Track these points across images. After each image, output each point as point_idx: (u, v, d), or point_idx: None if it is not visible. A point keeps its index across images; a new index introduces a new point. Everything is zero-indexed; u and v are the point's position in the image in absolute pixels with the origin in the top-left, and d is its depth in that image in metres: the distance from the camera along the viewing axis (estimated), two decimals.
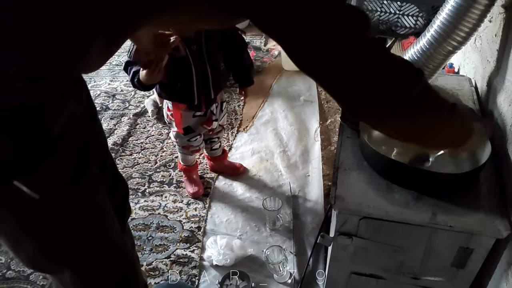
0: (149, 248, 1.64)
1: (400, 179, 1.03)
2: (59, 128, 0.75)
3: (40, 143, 0.73)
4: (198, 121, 1.63)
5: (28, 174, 0.74)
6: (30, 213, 0.79)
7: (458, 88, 1.44)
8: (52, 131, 0.74)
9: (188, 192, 1.86)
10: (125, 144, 2.20)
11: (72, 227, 0.86)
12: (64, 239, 0.86)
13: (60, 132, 0.76)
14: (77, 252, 0.90)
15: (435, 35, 1.15)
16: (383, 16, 2.42)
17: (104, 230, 0.95)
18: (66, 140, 0.78)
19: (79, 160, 0.83)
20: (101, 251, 0.95)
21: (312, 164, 2.01)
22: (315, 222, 1.71)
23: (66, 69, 0.68)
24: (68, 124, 0.78)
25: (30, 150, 0.72)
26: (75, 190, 0.83)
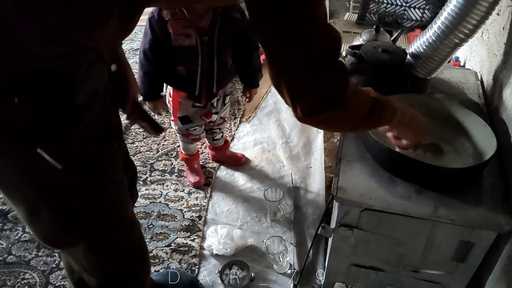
0: (149, 236, 1.64)
1: (403, 172, 1.03)
2: (84, 98, 0.77)
3: (66, 111, 0.74)
4: (197, 112, 1.63)
5: (53, 142, 0.74)
6: (51, 182, 0.79)
7: (463, 81, 1.43)
8: (78, 100, 0.75)
9: (189, 182, 1.86)
10: (127, 132, 2.19)
11: (91, 198, 0.87)
12: (83, 210, 0.87)
13: (85, 103, 0.77)
14: (94, 224, 0.91)
15: (442, 27, 1.13)
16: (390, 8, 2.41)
17: (120, 205, 0.96)
18: (91, 112, 0.79)
19: (102, 133, 0.84)
20: (117, 224, 0.96)
21: (314, 156, 2.01)
22: (316, 213, 1.71)
23: (86, 38, 0.69)
24: (92, 97, 0.79)
25: (57, 117, 0.73)
26: (97, 161, 0.84)
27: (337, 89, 0.75)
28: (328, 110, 0.76)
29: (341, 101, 0.75)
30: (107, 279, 1.03)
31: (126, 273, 1.06)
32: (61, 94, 0.72)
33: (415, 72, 1.24)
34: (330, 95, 0.74)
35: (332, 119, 0.80)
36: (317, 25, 0.70)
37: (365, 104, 0.82)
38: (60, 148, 0.76)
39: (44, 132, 0.73)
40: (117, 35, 0.76)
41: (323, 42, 0.71)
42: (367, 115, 0.82)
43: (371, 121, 0.84)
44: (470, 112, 1.11)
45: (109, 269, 1.01)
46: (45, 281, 1.49)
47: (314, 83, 0.73)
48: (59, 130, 0.74)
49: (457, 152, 1.10)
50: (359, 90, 0.81)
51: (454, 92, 1.37)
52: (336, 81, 0.74)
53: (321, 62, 0.72)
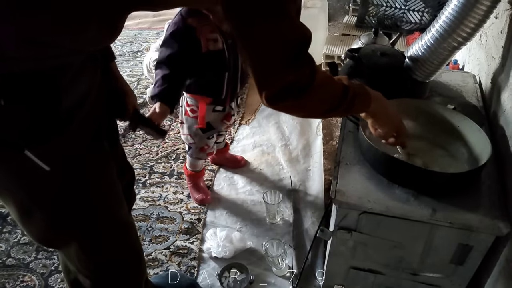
0: (148, 239, 1.64)
1: (399, 177, 1.03)
2: (74, 100, 0.77)
3: (53, 113, 0.74)
4: (218, 116, 1.58)
5: (41, 144, 0.75)
6: (41, 183, 0.80)
7: (462, 84, 1.44)
8: (66, 102, 0.75)
9: (194, 199, 1.81)
10: (126, 135, 2.19)
11: (81, 199, 0.87)
12: (72, 211, 0.87)
13: (75, 105, 0.77)
14: (84, 225, 0.91)
15: (440, 30, 1.14)
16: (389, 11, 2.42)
17: (113, 206, 0.97)
18: (81, 114, 0.79)
19: (92, 134, 0.85)
20: (109, 225, 0.96)
21: (313, 159, 2.01)
22: (315, 216, 1.71)
23: (66, 41, 0.69)
24: (83, 99, 0.80)
25: (44, 119, 0.73)
26: (86, 162, 0.85)
27: (302, 81, 0.78)
28: (292, 99, 0.80)
29: (306, 91, 0.79)
30: (100, 280, 1.03)
31: (120, 274, 1.06)
32: (48, 97, 0.73)
33: (414, 75, 1.25)
34: (294, 86, 0.78)
35: (297, 107, 0.84)
36: (286, 20, 0.74)
37: (334, 94, 0.85)
38: (48, 150, 0.77)
39: (31, 134, 0.73)
40: (101, 39, 0.76)
41: (290, 37, 0.75)
42: (335, 105, 0.86)
43: (340, 110, 0.88)
44: (464, 117, 1.11)
45: (102, 270, 1.01)
46: (44, 283, 1.49)
47: (279, 74, 0.77)
48: (47, 132, 0.75)
49: (453, 157, 1.10)
50: (329, 81, 0.85)
51: (452, 95, 1.38)
52: (302, 73, 0.78)
53: (287, 55, 0.76)
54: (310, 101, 0.82)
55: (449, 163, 1.09)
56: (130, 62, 2.85)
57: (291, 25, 0.75)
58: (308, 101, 0.82)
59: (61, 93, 0.74)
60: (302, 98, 0.80)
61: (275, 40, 0.75)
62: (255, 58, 0.77)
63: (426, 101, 1.25)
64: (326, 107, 0.86)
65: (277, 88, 0.78)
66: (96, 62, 0.86)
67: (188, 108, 1.56)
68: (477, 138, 1.06)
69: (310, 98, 0.81)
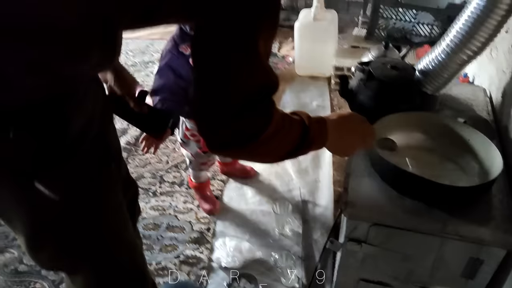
0: (158, 248, 1.65)
1: (409, 190, 1.03)
2: (79, 127, 0.76)
3: (61, 142, 0.74)
4: None
5: (49, 172, 0.75)
6: (49, 211, 0.79)
7: (472, 98, 1.44)
8: (73, 130, 0.75)
9: (203, 209, 1.82)
10: (137, 143, 2.22)
11: (90, 225, 0.87)
12: (81, 237, 0.87)
13: (80, 132, 0.77)
14: (93, 252, 0.91)
15: (451, 44, 1.15)
16: (398, 24, 2.43)
17: (120, 230, 0.96)
18: (86, 140, 0.79)
19: (99, 160, 0.84)
20: (116, 251, 0.96)
21: (322, 170, 2.02)
22: (324, 228, 1.72)
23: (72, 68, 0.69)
24: (87, 124, 0.79)
25: (52, 147, 0.73)
26: (94, 189, 0.84)
27: (252, 130, 0.71)
28: (237, 147, 0.72)
29: (255, 140, 0.71)
30: None
31: None
32: (56, 125, 0.72)
33: (424, 88, 1.25)
34: (241, 134, 0.71)
35: (245, 155, 0.79)
36: (252, 64, 0.67)
37: (290, 139, 0.78)
38: (57, 178, 0.76)
39: (40, 164, 0.73)
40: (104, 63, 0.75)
41: (252, 82, 0.68)
42: (290, 150, 0.79)
43: (298, 154, 0.81)
44: (475, 131, 1.11)
45: None
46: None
47: (227, 120, 0.69)
48: (56, 160, 0.74)
49: (463, 171, 1.11)
50: (284, 127, 0.76)
51: (462, 109, 1.38)
52: (254, 122, 0.71)
53: (243, 100, 0.68)
54: (260, 148, 0.74)
55: (459, 177, 1.09)
56: (141, 72, 2.89)
57: (259, 64, 0.68)
58: (256, 149, 0.74)
59: (68, 120, 0.74)
60: (250, 147, 0.73)
61: (234, 78, 0.67)
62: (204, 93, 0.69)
63: (436, 114, 1.26)
64: (280, 154, 0.79)
65: (221, 135, 0.71)
66: (98, 83, 0.86)
67: (188, 133, 1.58)
68: (488, 152, 1.07)
69: (261, 145, 0.73)
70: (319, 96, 2.56)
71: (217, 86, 0.68)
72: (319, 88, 2.63)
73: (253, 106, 0.69)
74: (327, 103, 2.50)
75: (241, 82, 0.67)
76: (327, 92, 2.59)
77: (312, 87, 2.64)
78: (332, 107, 2.47)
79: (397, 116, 1.16)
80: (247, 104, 0.68)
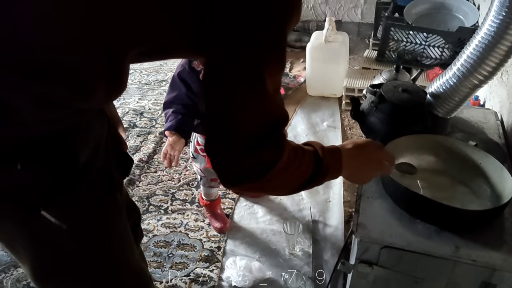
0: (169, 265, 1.66)
1: (421, 213, 1.03)
2: (86, 157, 0.77)
3: (70, 172, 0.74)
4: None
5: (55, 204, 0.75)
6: (55, 243, 0.80)
7: (483, 121, 1.45)
8: (79, 161, 0.75)
9: (214, 227, 1.83)
10: (150, 161, 2.25)
11: (97, 256, 0.86)
12: (88, 268, 0.86)
13: (88, 161, 0.77)
14: (100, 281, 0.90)
15: (462, 69, 1.16)
16: (409, 46, 2.46)
17: (126, 257, 0.96)
18: (93, 169, 0.79)
19: (106, 188, 0.84)
20: (122, 278, 0.95)
21: (333, 190, 2.02)
22: (335, 248, 1.71)
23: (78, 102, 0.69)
24: (94, 153, 0.79)
25: (59, 179, 0.73)
26: (100, 218, 0.85)
27: (264, 164, 0.71)
28: (250, 182, 0.72)
29: (267, 174, 0.71)
30: None
31: None
32: (63, 157, 0.73)
33: (435, 111, 1.27)
34: (254, 169, 0.70)
35: (258, 189, 0.78)
36: (261, 99, 0.67)
37: (303, 171, 0.77)
38: (63, 208, 0.76)
39: (47, 195, 0.73)
40: (110, 95, 0.76)
41: (263, 114, 0.68)
42: (303, 182, 0.78)
43: (312, 185, 0.80)
44: (486, 154, 1.12)
45: None
46: None
47: (239, 155, 0.69)
48: (63, 191, 0.75)
49: (475, 194, 1.11)
50: (297, 158, 0.75)
51: (474, 132, 1.39)
52: (266, 157, 0.70)
53: (254, 135, 0.68)
54: (272, 183, 0.73)
55: (471, 200, 1.09)
56: (155, 91, 2.94)
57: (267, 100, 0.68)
58: (269, 183, 0.73)
59: (75, 151, 0.74)
60: (262, 182, 0.72)
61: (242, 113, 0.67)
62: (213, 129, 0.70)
63: (447, 137, 1.27)
64: (294, 186, 0.79)
65: (232, 171, 0.70)
66: (103, 113, 0.87)
67: (199, 147, 1.61)
68: (500, 175, 1.07)
69: (273, 180, 0.72)
70: (330, 117, 2.58)
71: (225, 122, 0.68)
72: (330, 108, 2.65)
73: (263, 141, 0.69)
74: (338, 124, 2.52)
75: (249, 118, 0.68)
76: (338, 112, 2.61)
77: (323, 107, 2.66)
78: (343, 128, 2.49)
79: (408, 139, 1.17)
80: (256, 140, 0.68)
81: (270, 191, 0.81)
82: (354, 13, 3.42)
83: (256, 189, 0.76)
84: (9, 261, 1.68)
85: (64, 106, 0.68)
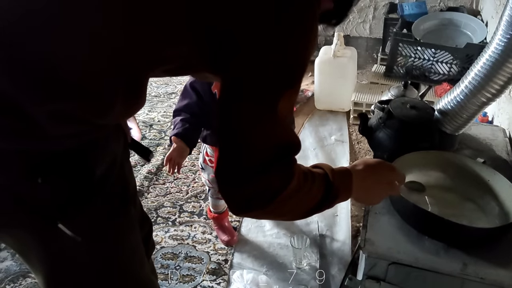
0: (176, 278, 1.67)
1: (429, 230, 1.03)
2: (103, 170, 0.79)
3: (86, 186, 0.76)
4: None
5: (71, 216, 0.76)
6: (70, 252, 0.81)
7: (492, 138, 1.45)
8: (96, 174, 0.77)
9: (221, 240, 1.84)
10: (158, 173, 2.27)
11: (109, 266, 0.87)
12: (100, 280, 0.87)
13: (104, 175, 0.79)
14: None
15: (470, 86, 1.17)
16: (417, 62, 2.47)
17: (137, 270, 0.96)
18: (109, 182, 0.81)
19: (120, 201, 0.85)
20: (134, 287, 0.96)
21: (340, 204, 2.02)
22: (342, 263, 1.71)
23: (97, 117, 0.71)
24: (110, 167, 0.81)
25: (78, 193, 0.75)
26: (115, 230, 0.86)
27: (270, 190, 0.70)
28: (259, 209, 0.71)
29: (273, 200, 0.70)
30: None
31: None
32: (81, 171, 0.74)
33: (443, 128, 1.27)
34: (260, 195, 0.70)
35: (268, 215, 0.77)
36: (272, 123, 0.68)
37: (313, 196, 0.76)
38: (79, 220, 0.78)
39: (65, 208, 0.75)
40: (128, 111, 0.77)
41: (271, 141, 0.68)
42: (313, 207, 0.77)
43: (322, 208, 0.79)
44: (495, 172, 1.12)
45: None
46: None
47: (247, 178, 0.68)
48: (80, 204, 0.76)
49: (483, 211, 1.11)
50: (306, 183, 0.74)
51: (482, 149, 1.39)
52: (274, 182, 0.70)
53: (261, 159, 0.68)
54: (281, 208, 0.73)
55: (479, 217, 1.09)
56: (164, 103, 2.98)
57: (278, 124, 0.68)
58: (278, 209, 0.72)
59: (92, 166, 0.76)
60: (271, 207, 0.71)
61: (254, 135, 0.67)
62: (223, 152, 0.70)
63: (455, 154, 1.27)
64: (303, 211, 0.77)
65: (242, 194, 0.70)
66: (119, 129, 0.88)
67: (207, 158, 1.63)
68: (508, 193, 1.07)
69: (282, 205, 0.72)
70: (338, 131, 2.59)
71: (235, 141, 0.69)
72: (338, 123, 2.66)
73: (272, 165, 0.68)
74: (345, 138, 2.52)
75: (260, 140, 0.68)
76: (346, 126, 2.62)
77: (331, 122, 2.68)
78: (351, 142, 2.50)
79: (416, 155, 1.18)
80: (266, 163, 0.68)
81: (279, 216, 0.80)
82: (363, 28, 3.45)
83: (265, 215, 0.76)
84: (18, 271, 1.70)
85: (83, 121, 0.70)
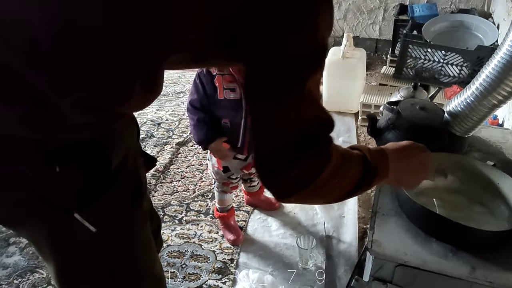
0: (182, 276, 1.67)
1: (437, 232, 1.03)
2: (118, 162, 0.79)
3: (103, 176, 0.77)
4: (237, 164, 1.65)
5: (89, 206, 0.77)
6: (84, 244, 0.81)
7: (502, 141, 1.43)
8: (113, 165, 0.78)
9: (227, 239, 1.85)
10: (166, 171, 2.28)
11: (122, 258, 0.88)
12: (113, 273, 0.88)
13: (119, 166, 0.80)
14: (125, 283, 0.91)
15: (480, 88, 1.16)
16: (427, 63, 2.45)
17: (149, 263, 0.97)
18: (123, 174, 0.82)
19: (133, 194, 0.86)
20: (145, 283, 0.96)
21: (347, 206, 2.01)
22: (348, 264, 1.70)
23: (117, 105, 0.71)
24: (124, 159, 0.82)
25: (94, 183, 0.76)
26: (128, 222, 0.86)
27: (311, 172, 0.69)
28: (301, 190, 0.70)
29: (314, 182, 0.69)
30: None
31: None
32: (99, 161, 0.75)
33: (453, 130, 1.26)
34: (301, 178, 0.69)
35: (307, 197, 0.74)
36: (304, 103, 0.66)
37: (351, 177, 0.74)
38: (94, 211, 0.78)
39: (81, 197, 0.75)
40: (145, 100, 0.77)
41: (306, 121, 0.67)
42: (351, 188, 0.75)
43: (359, 191, 0.77)
44: (504, 175, 1.11)
45: None
46: None
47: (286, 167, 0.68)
48: (96, 194, 0.76)
49: (492, 214, 1.10)
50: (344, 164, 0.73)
51: (492, 151, 1.38)
52: (313, 163, 0.68)
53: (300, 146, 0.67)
54: (321, 190, 0.72)
55: (488, 220, 1.08)
56: (172, 102, 2.99)
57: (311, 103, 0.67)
58: (318, 190, 0.71)
59: (111, 156, 0.77)
60: (310, 190, 0.70)
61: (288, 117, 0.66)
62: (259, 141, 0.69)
63: (465, 156, 1.26)
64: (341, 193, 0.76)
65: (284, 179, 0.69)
66: (134, 119, 0.89)
67: None
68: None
69: (322, 186, 0.71)
70: (346, 132, 2.58)
71: (270, 130, 0.67)
72: (346, 124, 2.65)
73: (310, 146, 0.67)
74: (353, 139, 2.52)
75: (294, 123, 0.66)
76: (354, 128, 2.61)
77: (339, 123, 2.67)
78: (359, 143, 2.48)
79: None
80: (303, 146, 0.67)
81: (319, 199, 0.78)
82: (372, 30, 3.44)
83: (306, 197, 0.74)
84: (26, 266, 1.71)
85: (103, 109, 0.70)
